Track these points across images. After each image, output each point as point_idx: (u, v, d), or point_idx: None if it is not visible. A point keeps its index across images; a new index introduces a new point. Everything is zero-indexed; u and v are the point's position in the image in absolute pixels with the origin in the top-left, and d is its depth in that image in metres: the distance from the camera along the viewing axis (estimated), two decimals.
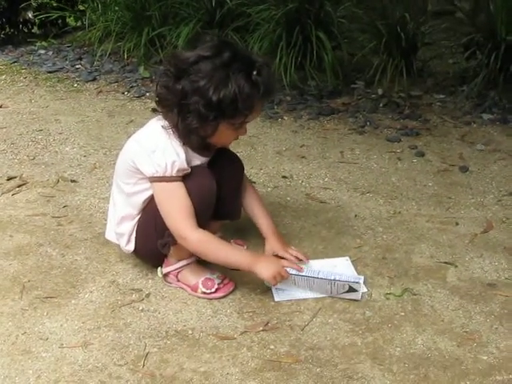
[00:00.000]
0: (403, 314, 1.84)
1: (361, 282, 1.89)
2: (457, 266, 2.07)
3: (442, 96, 3.65)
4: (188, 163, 1.82)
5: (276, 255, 1.99)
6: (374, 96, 3.64)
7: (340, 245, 2.19)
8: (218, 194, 1.90)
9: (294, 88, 3.63)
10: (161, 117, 1.84)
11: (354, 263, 2.07)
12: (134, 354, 1.67)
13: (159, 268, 1.96)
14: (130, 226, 1.94)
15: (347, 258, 2.10)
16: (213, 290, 1.88)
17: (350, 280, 1.87)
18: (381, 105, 3.54)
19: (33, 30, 5.04)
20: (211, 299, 1.88)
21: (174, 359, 1.66)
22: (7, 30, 4.94)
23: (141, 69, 4.09)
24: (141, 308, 1.85)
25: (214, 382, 1.58)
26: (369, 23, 3.82)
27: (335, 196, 2.55)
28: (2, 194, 2.53)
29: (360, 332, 1.77)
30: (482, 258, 2.13)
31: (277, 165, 2.83)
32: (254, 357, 1.67)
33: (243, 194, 2.08)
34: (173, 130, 1.79)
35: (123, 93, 3.80)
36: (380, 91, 3.65)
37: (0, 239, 2.20)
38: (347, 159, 2.91)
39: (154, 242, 1.87)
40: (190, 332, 1.76)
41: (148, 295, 1.91)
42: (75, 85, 3.96)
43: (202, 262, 1.94)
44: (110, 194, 2.03)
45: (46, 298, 1.89)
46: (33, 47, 4.72)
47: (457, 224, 2.34)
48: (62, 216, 2.36)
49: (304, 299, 1.89)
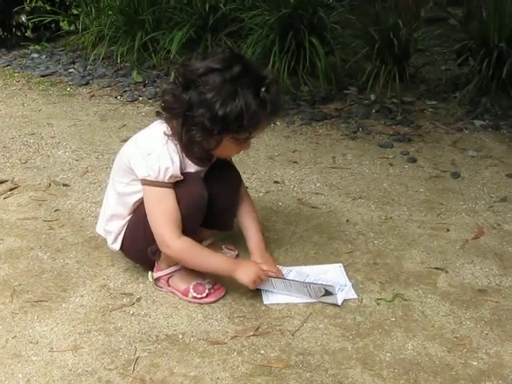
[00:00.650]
0: (394, 319, 1.84)
1: (336, 287, 1.88)
2: (447, 272, 2.08)
3: (434, 102, 3.67)
4: (182, 169, 1.82)
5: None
6: (366, 102, 3.65)
7: (331, 250, 2.19)
8: (214, 205, 1.90)
9: (287, 93, 3.64)
10: (164, 121, 1.84)
11: (346, 268, 2.07)
12: (125, 359, 1.67)
13: (150, 272, 1.95)
14: (118, 226, 1.94)
15: (340, 264, 2.10)
16: (204, 294, 1.88)
17: (324, 283, 1.88)
18: (373, 111, 3.55)
19: (26, 34, 5.03)
20: (202, 304, 1.88)
21: (164, 364, 1.65)
22: (0, 33, 4.94)
23: (134, 73, 4.09)
24: (131, 312, 1.85)
25: None
26: (362, 29, 3.84)
27: (327, 201, 2.55)
28: None
29: (350, 337, 1.77)
30: (472, 263, 2.13)
31: (269, 170, 2.84)
32: (244, 361, 1.66)
33: (239, 206, 2.07)
34: (174, 138, 1.79)
35: (116, 97, 3.80)
36: (372, 97, 3.66)
37: None
38: (339, 165, 2.91)
39: (142, 245, 1.87)
40: (180, 336, 1.75)
41: (139, 299, 1.91)
42: (68, 89, 3.96)
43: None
44: (106, 188, 2.02)
45: (37, 301, 1.88)
46: (26, 51, 4.72)
47: (448, 230, 2.35)
48: (54, 220, 2.36)
49: (294, 304, 1.89)
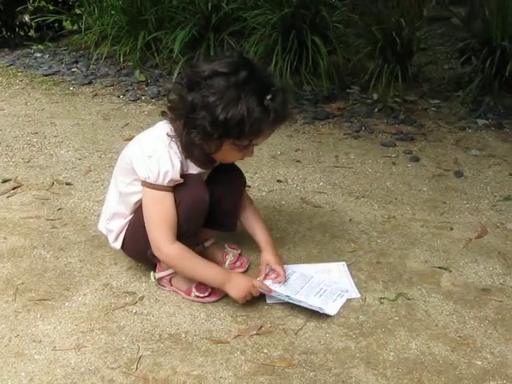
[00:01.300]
0: (397, 318, 1.84)
1: (326, 308, 1.84)
2: (451, 271, 2.08)
3: (437, 101, 3.67)
4: (183, 171, 1.81)
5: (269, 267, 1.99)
6: (369, 101, 3.65)
7: (334, 249, 2.19)
8: (218, 207, 1.90)
9: (289, 92, 3.64)
10: (168, 121, 1.83)
11: (349, 267, 2.07)
12: (127, 357, 1.66)
13: (152, 272, 1.95)
14: (120, 224, 1.94)
15: (344, 263, 2.09)
16: (206, 293, 1.87)
17: (315, 305, 1.83)
18: (376, 110, 3.55)
19: (29, 33, 5.05)
20: (205, 303, 1.88)
21: (167, 363, 1.65)
22: (4, 32, 4.95)
23: (136, 72, 4.09)
24: (134, 311, 1.85)
25: None
26: (364, 28, 3.84)
27: (330, 200, 2.55)
28: None
29: (354, 336, 1.76)
30: (476, 262, 2.13)
31: (272, 169, 2.83)
32: (247, 360, 1.66)
33: (242, 208, 2.07)
34: (176, 139, 1.79)
35: (119, 96, 3.80)
36: (375, 96, 3.66)
37: None
38: (342, 164, 2.91)
39: (142, 246, 1.86)
40: (183, 335, 1.75)
41: (142, 298, 1.91)
42: (71, 88, 3.96)
43: None
44: (109, 185, 2.02)
45: (40, 300, 1.88)
46: (29, 50, 4.72)
47: (451, 229, 2.34)
48: (57, 219, 2.36)
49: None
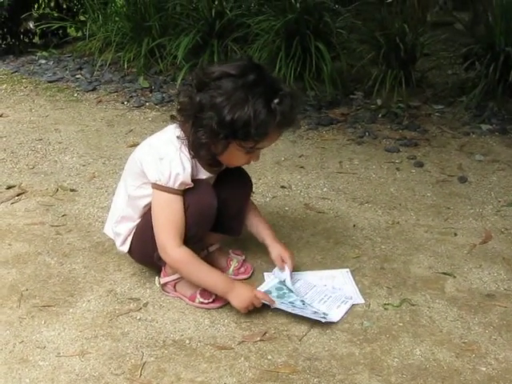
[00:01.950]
0: (401, 324, 1.84)
1: (330, 314, 1.84)
2: (455, 277, 2.07)
3: (440, 107, 3.67)
4: (193, 176, 1.82)
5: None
6: (372, 106, 3.65)
7: (338, 255, 2.19)
8: (224, 210, 1.90)
9: None
10: (178, 125, 1.84)
11: (353, 273, 2.07)
12: (131, 364, 1.67)
13: (157, 278, 1.95)
14: (128, 228, 1.95)
15: (347, 269, 2.09)
16: (210, 299, 1.87)
17: (320, 311, 1.83)
18: (379, 115, 3.55)
19: (34, 40, 5.07)
20: (209, 309, 1.88)
21: (171, 369, 1.65)
22: (8, 39, 4.97)
23: (140, 79, 4.11)
24: (138, 317, 1.85)
25: None
26: (368, 34, 3.85)
27: (334, 206, 2.55)
28: (1, 202, 2.52)
29: (358, 342, 1.76)
30: (480, 268, 2.12)
31: (275, 175, 2.84)
32: (251, 367, 1.66)
33: (247, 213, 2.07)
34: (186, 141, 1.79)
35: (123, 102, 3.81)
36: (379, 102, 3.66)
37: None
38: (346, 169, 2.91)
39: (149, 249, 1.86)
40: (187, 342, 1.75)
41: (146, 304, 1.91)
42: (75, 94, 3.97)
43: None
44: (117, 188, 2.02)
45: (44, 306, 1.89)
46: (33, 57, 4.75)
47: (455, 234, 2.34)
48: (61, 225, 2.36)
49: None
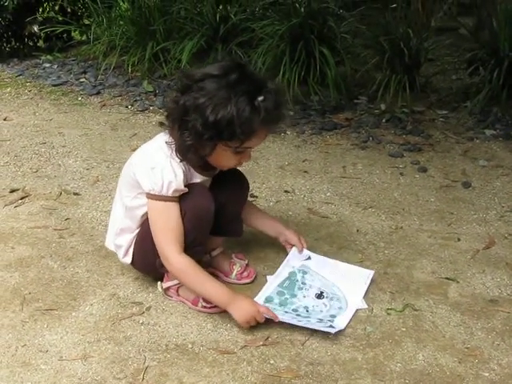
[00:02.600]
0: (404, 329, 1.83)
1: (332, 330, 1.78)
2: (458, 282, 2.07)
3: (444, 112, 3.66)
4: (188, 181, 1.82)
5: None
6: (376, 111, 3.65)
7: (342, 260, 2.17)
8: (223, 212, 1.90)
9: (297, 103, 3.65)
10: (167, 132, 1.84)
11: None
12: (134, 368, 1.66)
13: (159, 282, 1.95)
14: (128, 239, 1.95)
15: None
16: (213, 304, 1.87)
17: (325, 329, 1.79)
18: (383, 120, 3.55)
19: (38, 44, 5.09)
20: (212, 313, 1.87)
21: (173, 373, 1.65)
22: (13, 43, 4.98)
23: (144, 83, 4.11)
24: (141, 321, 1.85)
25: None
26: (372, 39, 3.85)
27: (337, 211, 2.55)
28: (5, 206, 2.53)
29: (361, 347, 1.76)
30: (483, 273, 2.12)
31: (279, 179, 2.84)
32: (253, 371, 1.66)
33: (247, 211, 2.09)
34: (174, 147, 1.79)
35: (127, 106, 3.82)
36: (383, 106, 3.66)
37: (2, 251, 2.20)
38: (349, 174, 2.91)
39: (152, 257, 1.86)
40: (190, 346, 1.75)
41: (148, 308, 1.91)
42: (79, 98, 3.98)
43: None
44: (113, 201, 2.03)
45: (47, 310, 1.89)
46: (38, 60, 4.76)
47: (459, 240, 2.33)
48: (64, 229, 2.37)
49: None
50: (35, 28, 4.86)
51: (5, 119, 3.58)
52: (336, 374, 1.65)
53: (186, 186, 1.81)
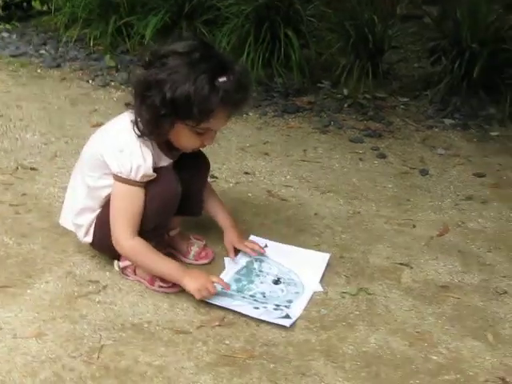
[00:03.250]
0: (358, 312, 1.87)
1: (287, 323, 1.78)
2: (412, 268, 2.11)
3: (405, 99, 3.70)
4: (155, 164, 1.81)
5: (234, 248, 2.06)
6: (339, 96, 3.67)
7: (299, 242, 2.21)
8: (184, 191, 1.89)
9: (261, 84, 3.64)
10: (132, 111, 1.82)
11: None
12: (89, 346, 1.66)
13: (116, 261, 1.94)
14: (89, 219, 1.93)
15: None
16: (170, 284, 1.87)
17: (276, 321, 1.78)
18: (345, 105, 3.57)
19: None
20: (168, 293, 1.88)
21: (129, 352, 1.65)
22: None
23: (106, 57, 4.03)
24: (97, 300, 1.84)
25: (169, 375, 1.59)
26: (337, 23, 3.85)
27: (296, 194, 2.57)
28: None
29: (314, 329, 1.79)
30: (436, 260, 2.17)
31: (240, 161, 2.84)
32: (208, 351, 1.67)
33: (206, 196, 2.09)
34: (137, 123, 1.78)
35: (87, 81, 3.75)
36: (345, 91, 3.68)
37: None
38: (310, 158, 2.93)
39: (111, 239, 1.84)
40: (145, 325, 1.75)
41: (105, 287, 1.90)
42: (38, 70, 3.89)
43: None
44: (70, 179, 2.01)
45: (1, 287, 1.86)
46: None
47: (414, 226, 2.38)
48: (20, 204, 2.33)
49: None
50: None
51: None
52: (290, 355, 1.68)
53: (154, 171, 1.80)
